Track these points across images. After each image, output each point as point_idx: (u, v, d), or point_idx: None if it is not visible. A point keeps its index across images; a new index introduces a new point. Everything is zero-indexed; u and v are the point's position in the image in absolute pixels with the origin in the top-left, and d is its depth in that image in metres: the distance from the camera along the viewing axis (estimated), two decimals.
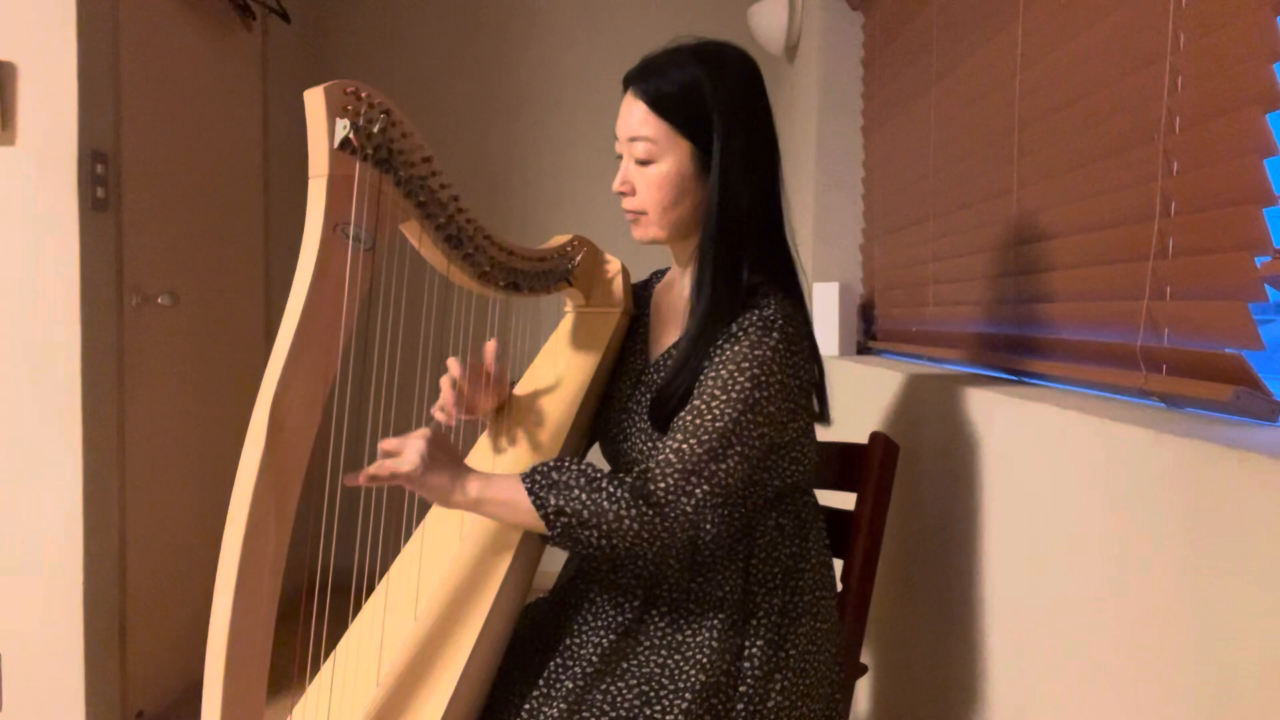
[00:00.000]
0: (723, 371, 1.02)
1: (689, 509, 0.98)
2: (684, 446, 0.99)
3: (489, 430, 1.24)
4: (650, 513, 0.97)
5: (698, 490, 0.98)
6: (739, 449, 1.00)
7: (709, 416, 1.00)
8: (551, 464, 1.02)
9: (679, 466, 0.99)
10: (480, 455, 1.21)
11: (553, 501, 0.98)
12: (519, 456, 1.17)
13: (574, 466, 1.01)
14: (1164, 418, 0.97)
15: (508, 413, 1.24)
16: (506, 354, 1.24)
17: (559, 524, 0.98)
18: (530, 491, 0.99)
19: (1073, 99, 1.27)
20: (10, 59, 1.87)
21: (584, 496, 0.98)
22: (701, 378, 1.04)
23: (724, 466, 0.99)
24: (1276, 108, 0.87)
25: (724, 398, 1.01)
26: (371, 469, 0.97)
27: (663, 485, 0.98)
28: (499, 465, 1.18)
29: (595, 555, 1.01)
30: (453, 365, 1.15)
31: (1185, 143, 1.01)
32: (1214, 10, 0.97)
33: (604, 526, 0.97)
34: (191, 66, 2.40)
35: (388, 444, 1.00)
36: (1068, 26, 1.29)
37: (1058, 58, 1.32)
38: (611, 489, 0.98)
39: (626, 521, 0.97)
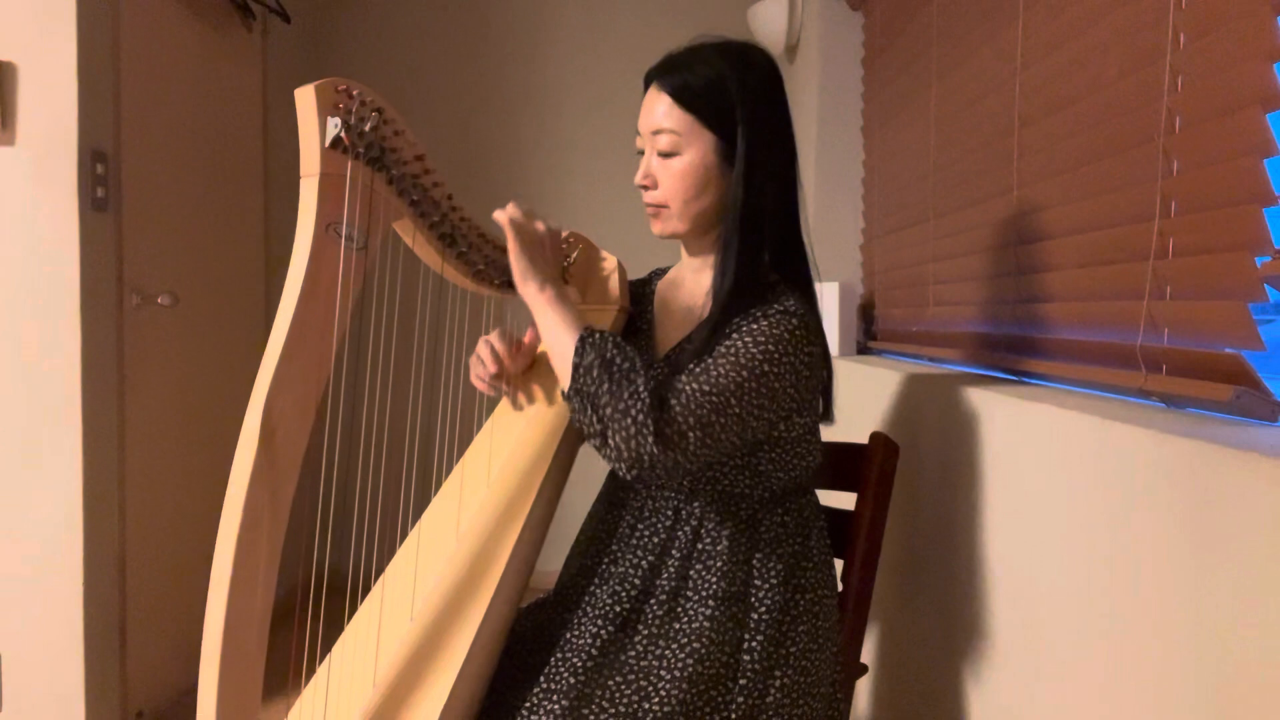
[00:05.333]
0: (738, 342, 1.02)
1: (682, 447, 0.97)
2: (690, 387, 0.99)
3: (485, 429, 1.24)
4: (649, 428, 0.95)
5: (691, 434, 0.97)
6: (737, 409, 1.00)
7: (715, 372, 1.00)
8: (613, 335, 1.03)
9: (687, 394, 0.98)
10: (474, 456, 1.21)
11: (588, 358, 1.00)
12: (512, 455, 1.17)
13: (630, 349, 1.01)
14: (1164, 418, 0.97)
15: (506, 408, 1.24)
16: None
17: (578, 382, 1.00)
18: (580, 337, 1.02)
19: (1073, 99, 1.27)
20: (10, 59, 1.87)
21: (614, 373, 0.98)
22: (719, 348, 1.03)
23: (720, 420, 0.99)
24: (1276, 108, 0.87)
25: (733, 360, 1.01)
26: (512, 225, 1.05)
27: (675, 410, 0.97)
28: (493, 466, 1.17)
29: (585, 430, 1.01)
30: (494, 336, 1.19)
31: (1185, 143, 1.01)
32: (1214, 10, 0.96)
33: (608, 410, 0.97)
34: (191, 66, 2.40)
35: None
36: (1068, 26, 1.29)
37: (1058, 58, 1.32)
38: (639, 386, 0.97)
39: (628, 420, 0.96)
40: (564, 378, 1.02)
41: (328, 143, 0.86)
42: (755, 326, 1.03)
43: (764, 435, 1.08)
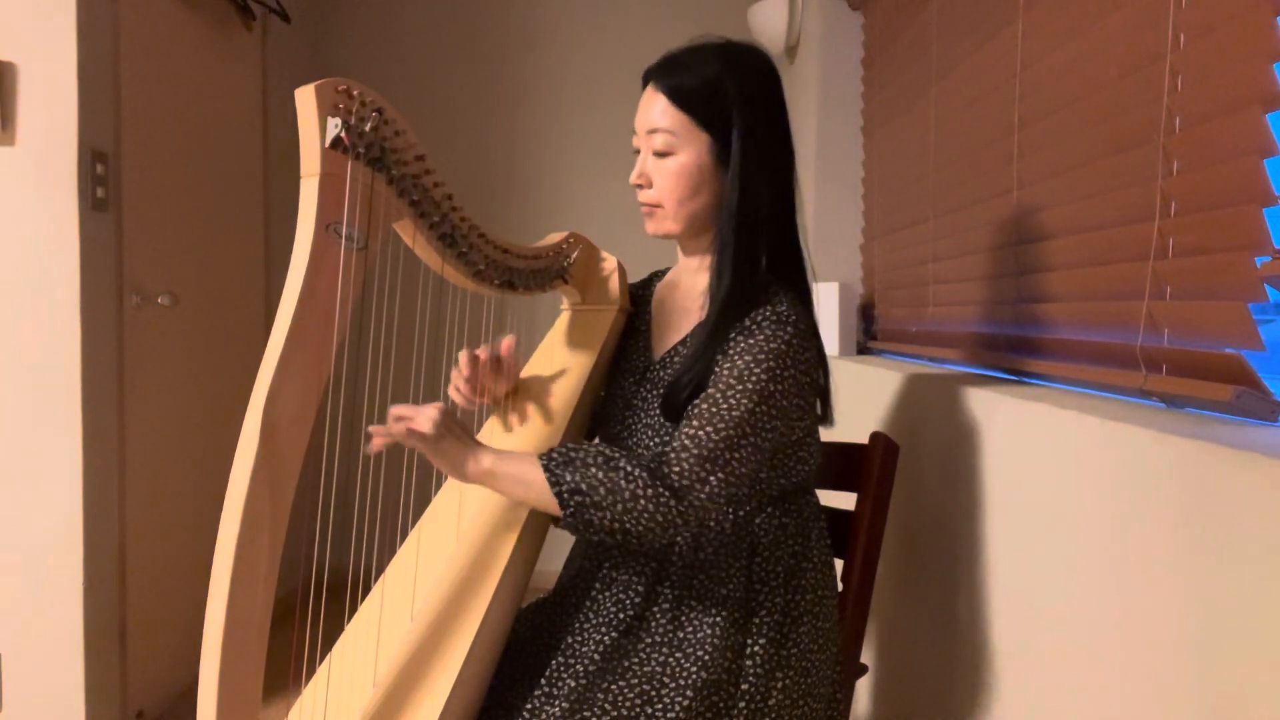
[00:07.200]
0: (739, 362, 1.02)
1: (703, 495, 0.98)
2: (700, 434, 0.99)
3: (485, 428, 1.24)
4: (666, 495, 0.96)
5: (712, 478, 0.98)
6: (753, 439, 1.00)
7: (725, 405, 1.00)
8: (568, 445, 1.01)
9: (695, 453, 0.98)
10: None
11: (568, 478, 0.97)
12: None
13: (591, 447, 1.00)
14: (1164, 418, 0.97)
15: (505, 409, 1.24)
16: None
17: (572, 503, 0.97)
18: (546, 468, 0.98)
19: (1073, 99, 1.27)
20: (10, 59, 1.86)
21: (600, 474, 0.97)
22: (716, 369, 1.03)
23: (738, 455, 0.99)
24: (1276, 108, 0.87)
25: (740, 388, 1.00)
26: (389, 427, 0.97)
27: (678, 470, 0.98)
28: None
29: (602, 542, 1.00)
30: (480, 351, 1.17)
31: (1185, 143, 1.01)
32: (1214, 10, 0.96)
33: (619, 507, 0.95)
34: (191, 66, 2.40)
35: (399, 409, 1.00)
36: (1068, 26, 1.29)
37: (1058, 58, 1.32)
38: (629, 468, 0.97)
39: (642, 502, 0.95)
40: (552, 508, 0.99)
41: (328, 143, 0.86)
42: (752, 341, 1.03)
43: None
